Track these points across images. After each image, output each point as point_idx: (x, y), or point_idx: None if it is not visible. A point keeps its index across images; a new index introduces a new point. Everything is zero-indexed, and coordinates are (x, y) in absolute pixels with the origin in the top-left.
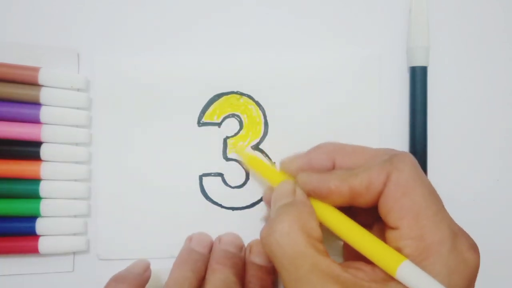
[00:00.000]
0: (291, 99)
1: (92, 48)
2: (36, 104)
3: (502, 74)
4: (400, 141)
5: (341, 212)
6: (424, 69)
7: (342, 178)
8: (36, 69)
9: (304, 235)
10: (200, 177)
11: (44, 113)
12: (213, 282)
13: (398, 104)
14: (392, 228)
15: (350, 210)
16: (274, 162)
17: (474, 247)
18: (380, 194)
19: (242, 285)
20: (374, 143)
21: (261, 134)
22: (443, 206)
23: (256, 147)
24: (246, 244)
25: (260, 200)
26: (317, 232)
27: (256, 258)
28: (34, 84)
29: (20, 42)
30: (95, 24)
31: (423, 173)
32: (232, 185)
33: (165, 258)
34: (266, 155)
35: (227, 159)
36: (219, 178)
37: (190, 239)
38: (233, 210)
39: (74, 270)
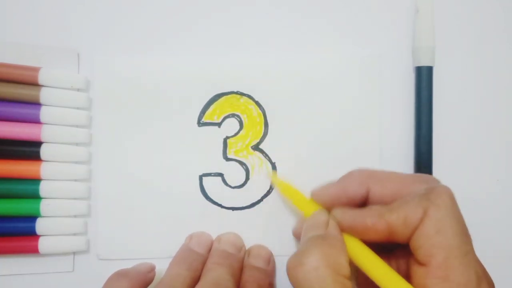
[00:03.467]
0: (291, 99)
1: (92, 48)
2: (36, 104)
3: (508, 75)
4: (405, 142)
5: (373, 252)
6: (429, 69)
7: (379, 214)
8: (36, 69)
9: (332, 272)
10: (200, 177)
11: (44, 113)
12: (206, 279)
13: (402, 104)
14: (420, 264)
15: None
16: (274, 162)
17: None
18: (415, 229)
19: (237, 285)
20: (374, 143)
21: (261, 134)
22: (472, 246)
23: (256, 147)
24: (246, 244)
25: (260, 200)
26: (346, 269)
27: (254, 261)
28: (34, 84)
29: (20, 42)
30: (95, 24)
31: (459, 209)
32: (232, 185)
33: (165, 258)
34: (266, 155)
35: (227, 159)
36: (219, 178)
37: (190, 238)
38: (233, 210)
39: (74, 270)
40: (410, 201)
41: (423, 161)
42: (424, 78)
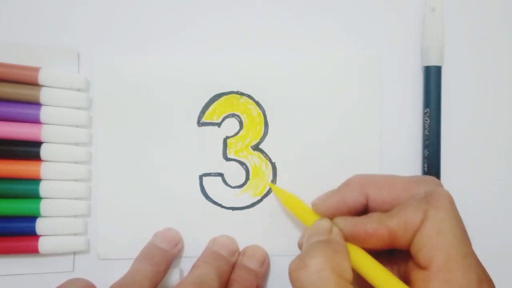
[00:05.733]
0: (291, 99)
1: (92, 48)
2: (36, 104)
3: None
4: (412, 142)
5: (374, 259)
6: (438, 69)
7: (379, 220)
8: (36, 69)
9: (335, 275)
10: (200, 177)
11: (44, 113)
12: (190, 275)
13: (406, 104)
14: (421, 268)
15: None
16: (274, 162)
17: None
18: (416, 233)
19: (222, 286)
20: (375, 143)
21: (261, 134)
22: (472, 248)
23: (256, 147)
24: (241, 247)
25: (260, 200)
26: (349, 274)
27: (247, 261)
28: (34, 84)
29: (20, 42)
30: (95, 24)
31: (458, 212)
32: (232, 185)
33: None
34: (266, 155)
35: (227, 159)
36: (219, 178)
37: (156, 234)
38: (233, 210)
39: (74, 270)
40: (409, 205)
41: (431, 161)
42: (432, 78)
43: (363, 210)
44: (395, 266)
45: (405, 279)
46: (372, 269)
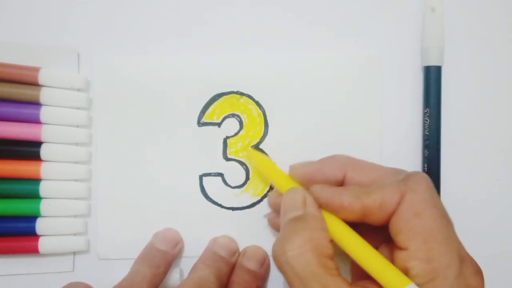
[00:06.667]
0: (291, 99)
1: (92, 48)
2: (36, 104)
3: None
4: (411, 141)
5: (351, 229)
6: (438, 69)
7: (356, 195)
8: (36, 69)
9: (315, 255)
10: (200, 177)
11: (44, 113)
12: (190, 278)
13: (405, 104)
14: (401, 249)
15: (362, 226)
16: (274, 163)
17: (479, 273)
18: (392, 214)
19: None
20: (375, 143)
21: (261, 134)
22: (453, 230)
23: (256, 147)
24: (241, 247)
25: (260, 200)
26: (329, 249)
27: (247, 262)
28: (34, 84)
29: (20, 42)
30: (95, 24)
31: (437, 195)
32: (232, 185)
33: None
34: (266, 155)
35: (227, 159)
36: (219, 178)
37: (155, 235)
38: (233, 210)
39: (74, 270)
40: (387, 185)
41: (431, 161)
42: (432, 78)
43: (338, 186)
44: (379, 247)
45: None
46: (348, 238)
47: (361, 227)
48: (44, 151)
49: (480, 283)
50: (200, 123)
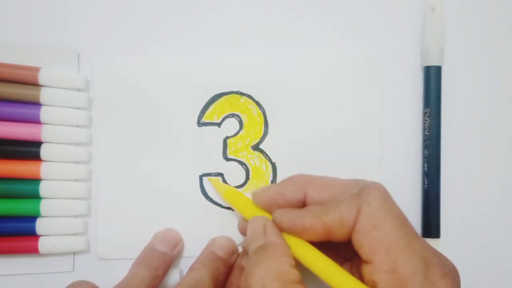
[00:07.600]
0: (291, 99)
1: (92, 48)
2: (36, 104)
3: None
4: (411, 141)
5: (316, 250)
6: (438, 69)
7: (316, 215)
8: (36, 69)
9: (280, 284)
10: (200, 177)
11: (44, 113)
12: (186, 279)
13: (405, 104)
14: (367, 262)
15: (330, 244)
16: (274, 162)
17: (447, 275)
18: (352, 229)
19: None
20: (375, 143)
21: (261, 134)
22: (415, 234)
23: (256, 147)
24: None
25: None
26: (294, 274)
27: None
28: (34, 84)
29: (20, 42)
30: (95, 24)
31: (393, 203)
32: (232, 185)
33: None
34: (266, 155)
35: (227, 159)
36: (219, 178)
37: (154, 236)
38: (233, 210)
39: (74, 270)
40: (343, 201)
41: (431, 161)
42: (432, 78)
43: (301, 206)
44: (350, 262)
45: (359, 276)
46: (314, 259)
47: (330, 245)
48: (44, 151)
49: (449, 285)
50: (200, 123)
